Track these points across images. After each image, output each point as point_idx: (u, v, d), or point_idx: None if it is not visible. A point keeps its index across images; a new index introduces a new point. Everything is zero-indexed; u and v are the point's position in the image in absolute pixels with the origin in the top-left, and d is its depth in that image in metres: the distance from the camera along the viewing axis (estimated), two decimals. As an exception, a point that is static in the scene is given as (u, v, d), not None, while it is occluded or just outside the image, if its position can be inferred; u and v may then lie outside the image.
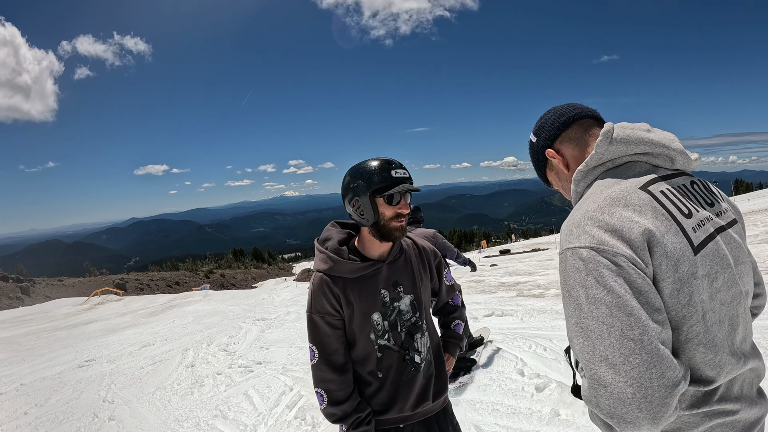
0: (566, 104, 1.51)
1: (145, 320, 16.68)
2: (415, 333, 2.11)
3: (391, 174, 1.93)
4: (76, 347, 11.92)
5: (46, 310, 24.25)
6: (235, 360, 8.31)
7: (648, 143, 1.30)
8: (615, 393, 1.03)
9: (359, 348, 2.05)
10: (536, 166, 1.61)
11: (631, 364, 1.02)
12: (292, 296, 20.38)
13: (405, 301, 2.10)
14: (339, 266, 2.00)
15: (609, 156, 1.31)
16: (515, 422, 4.24)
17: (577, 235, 1.17)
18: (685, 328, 1.13)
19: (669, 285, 1.11)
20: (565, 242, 1.19)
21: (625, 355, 1.03)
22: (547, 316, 8.09)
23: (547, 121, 1.50)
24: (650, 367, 1.02)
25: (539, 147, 1.53)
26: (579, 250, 1.14)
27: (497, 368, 5.64)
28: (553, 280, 12.96)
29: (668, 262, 1.11)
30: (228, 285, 47.46)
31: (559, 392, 4.60)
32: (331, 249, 2.04)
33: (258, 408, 5.61)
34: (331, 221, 2.24)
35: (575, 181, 1.38)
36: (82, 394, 7.21)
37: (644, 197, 1.19)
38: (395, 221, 1.97)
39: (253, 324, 12.40)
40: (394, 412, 2.05)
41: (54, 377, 8.59)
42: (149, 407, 6.20)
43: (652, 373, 1.01)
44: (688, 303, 1.12)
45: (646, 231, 1.12)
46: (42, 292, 33.99)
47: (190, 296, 26.03)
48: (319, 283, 2.01)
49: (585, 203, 1.24)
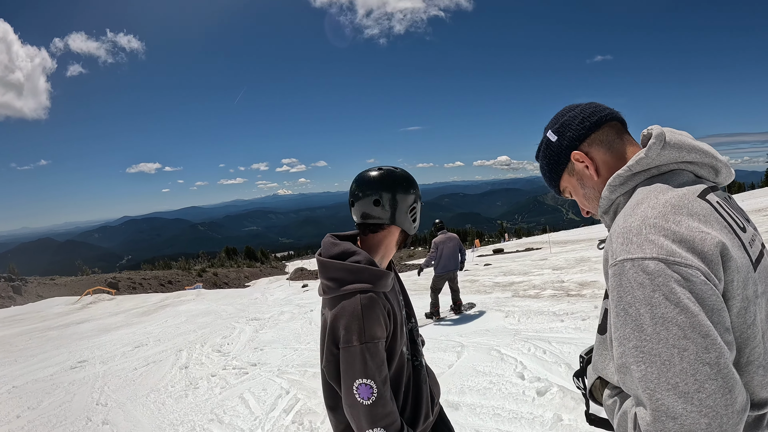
0: (591, 103, 1.37)
1: (138, 320, 16.59)
2: (417, 337, 2.06)
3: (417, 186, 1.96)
4: (69, 348, 11.83)
5: (38, 309, 24.12)
6: (230, 361, 8.24)
7: (699, 152, 1.20)
8: (687, 425, 0.91)
9: (395, 365, 1.84)
10: (550, 169, 1.42)
11: (707, 392, 0.91)
12: (286, 295, 20.32)
13: (404, 308, 2.04)
14: (383, 280, 1.77)
15: (658, 161, 1.18)
16: (517, 427, 4.18)
17: (638, 244, 1.02)
18: (747, 349, 1.04)
19: (738, 303, 1.02)
20: (621, 252, 1.05)
21: (701, 382, 0.91)
22: (544, 317, 8.05)
23: (574, 119, 1.34)
24: (725, 393, 0.91)
25: (562, 147, 1.36)
26: (644, 262, 0.99)
27: (497, 371, 5.59)
28: (548, 280, 12.94)
29: (738, 278, 1.01)
30: (221, 284, 47.38)
31: (561, 396, 4.54)
32: (367, 263, 1.78)
33: (254, 412, 5.53)
34: (328, 234, 1.98)
35: (612, 186, 1.23)
36: (75, 396, 7.12)
37: (706, 207, 1.08)
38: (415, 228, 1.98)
39: (247, 324, 12.33)
40: (421, 423, 1.90)
41: (46, 379, 8.50)
42: (143, 410, 6.12)
43: (728, 399, 0.91)
44: (752, 323, 1.03)
45: (719, 243, 1.00)
46: (34, 291, 33.84)
47: (182, 295, 25.95)
48: (370, 304, 1.69)
49: (640, 209, 1.09)
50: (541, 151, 1.44)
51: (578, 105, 1.36)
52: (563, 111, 1.39)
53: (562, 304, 9.04)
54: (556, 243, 30.87)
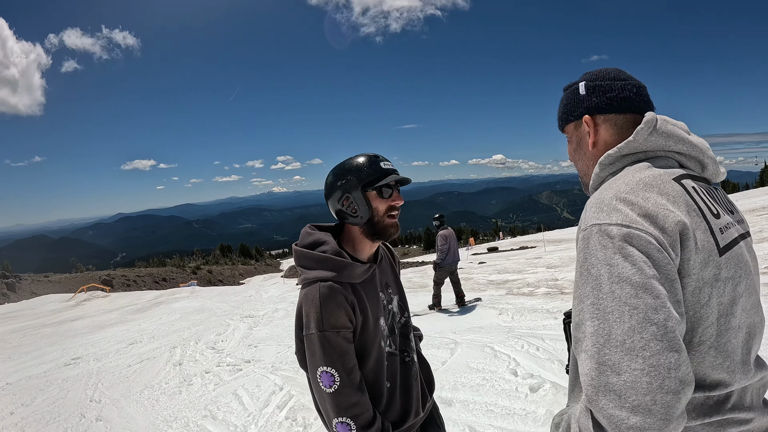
0: (638, 84, 1.35)
1: (132, 317, 16.57)
2: (408, 333, 2.04)
3: (381, 166, 1.83)
4: (63, 345, 11.81)
5: (32, 306, 24.04)
6: (224, 358, 8.24)
7: (687, 144, 1.24)
8: (629, 381, 0.93)
9: (372, 359, 1.84)
10: (565, 111, 1.44)
11: (651, 350, 0.94)
12: (280, 293, 20.32)
13: (394, 302, 2.01)
14: (348, 271, 1.78)
15: (645, 146, 1.24)
16: (510, 423, 4.20)
17: (607, 212, 1.09)
18: (699, 329, 1.08)
19: (692, 282, 1.06)
20: (591, 218, 1.11)
21: (646, 340, 0.95)
22: (538, 315, 8.08)
23: (609, 90, 1.33)
24: (669, 355, 0.94)
25: (581, 104, 1.37)
26: (608, 227, 1.06)
27: (490, 368, 5.60)
28: (542, 278, 12.97)
29: (696, 258, 1.06)
30: (215, 281, 47.35)
31: (553, 393, 4.57)
32: (333, 253, 1.81)
33: (248, 408, 5.54)
34: (307, 225, 1.98)
35: (602, 164, 1.29)
36: (68, 393, 7.11)
37: (678, 189, 1.13)
38: (389, 217, 1.84)
39: (241, 321, 12.33)
40: (411, 418, 1.92)
41: (40, 376, 8.49)
42: (137, 407, 6.12)
43: (671, 362, 0.94)
44: (706, 304, 1.07)
45: (680, 222, 1.06)
46: (28, 288, 33.73)
47: (177, 293, 25.93)
48: (329, 293, 1.71)
49: (615, 183, 1.16)
50: (567, 91, 1.45)
51: (625, 79, 1.35)
52: (608, 74, 1.37)
53: (555, 302, 9.07)
54: (550, 241, 30.92)
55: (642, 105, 1.32)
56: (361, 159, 1.85)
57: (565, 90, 1.47)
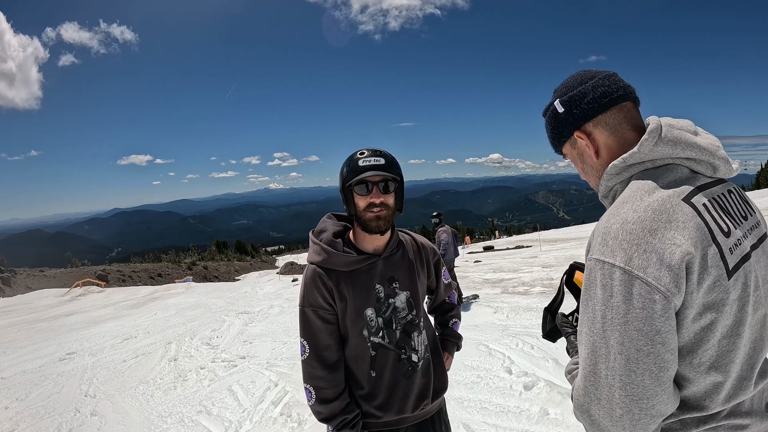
0: (606, 75, 1.31)
1: (127, 312, 16.54)
2: (412, 331, 2.05)
3: (359, 163, 1.89)
4: (58, 340, 11.78)
5: (27, 301, 23.99)
6: (219, 354, 8.24)
7: (695, 148, 1.19)
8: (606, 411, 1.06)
9: (351, 345, 1.98)
10: (553, 136, 1.41)
11: (627, 397, 1.04)
12: (275, 289, 20.30)
13: (401, 297, 2.03)
14: (333, 258, 1.94)
15: (651, 156, 1.19)
16: (504, 421, 4.23)
17: (612, 248, 1.07)
18: (699, 351, 1.08)
19: (694, 310, 1.05)
20: (597, 251, 1.10)
21: (624, 386, 1.03)
22: (533, 314, 8.10)
23: (584, 96, 1.30)
24: (637, 410, 1.04)
25: (567, 122, 1.34)
26: (612, 269, 1.05)
27: (485, 366, 5.63)
28: (537, 277, 13.00)
29: (700, 289, 1.04)
30: (211, 277, 47.29)
31: (547, 391, 4.59)
32: (325, 241, 1.98)
33: (242, 404, 5.55)
34: (328, 213, 2.18)
35: (608, 175, 1.26)
36: (63, 388, 7.10)
37: (688, 212, 1.08)
38: (369, 212, 1.90)
39: (236, 317, 12.32)
40: (392, 414, 1.98)
41: (35, 370, 8.47)
42: (132, 402, 6.12)
43: (639, 414, 1.04)
44: (708, 327, 1.06)
45: (687, 255, 1.03)
46: (23, 282, 33.66)
47: (172, 288, 25.87)
48: (312, 275, 1.95)
49: (623, 209, 1.11)
50: (547, 115, 1.42)
51: (593, 77, 1.31)
52: (575, 80, 1.34)
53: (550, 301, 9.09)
54: (546, 241, 30.97)
55: (620, 92, 1.28)
56: (349, 156, 1.94)
57: (545, 115, 1.45)
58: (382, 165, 1.90)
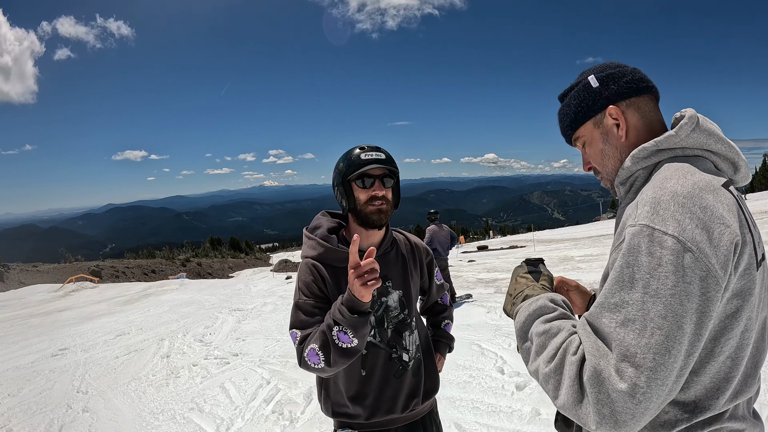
0: (638, 69, 1.31)
1: (120, 308, 16.49)
2: (404, 330, 2.05)
3: (360, 157, 1.91)
4: (50, 335, 11.75)
5: (20, 296, 23.89)
6: (211, 351, 8.23)
7: (725, 144, 1.19)
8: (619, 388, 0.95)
9: None
10: (577, 112, 1.34)
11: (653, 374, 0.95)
12: (269, 287, 20.28)
13: (393, 296, 2.04)
14: (328, 253, 1.95)
15: (685, 143, 1.17)
16: (496, 420, 4.24)
17: (663, 217, 1.01)
18: (722, 339, 1.05)
19: (728, 294, 1.04)
20: (645, 217, 1.04)
21: (655, 362, 0.95)
22: (526, 313, 8.11)
23: (622, 76, 1.29)
24: (662, 385, 0.95)
25: (600, 96, 1.29)
26: (662, 236, 0.99)
27: (477, 365, 5.64)
28: (531, 277, 13.02)
29: (736, 273, 1.03)
30: (204, 274, 47.17)
31: (539, 391, 4.60)
32: (320, 236, 2.00)
33: (235, 401, 5.55)
34: (322, 210, 2.19)
35: (635, 158, 1.21)
36: (55, 384, 7.08)
37: (729, 198, 1.07)
38: (370, 205, 1.91)
39: (230, 314, 12.31)
40: (381, 413, 1.98)
41: (27, 366, 8.44)
42: (124, 399, 6.11)
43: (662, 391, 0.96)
44: (733, 315, 1.05)
45: (735, 238, 1.01)
46: (16, 278, 33.50)
47: (166, 285, 25.82)
48: (306, 268, 1.96)
49: (669, 183, 1.07)
50: (573, 92, 1.37)
51: (626, 66, 1.32)
52: (611, 64, 1.33)
53: (543, 301, 9.11)
54: (540, 241, 31.03)
55: (653, 85, 1.29)
56: (347, 152, 1.96)
57: (568, 93, 1.39)
58: (383, 159, 1.93)
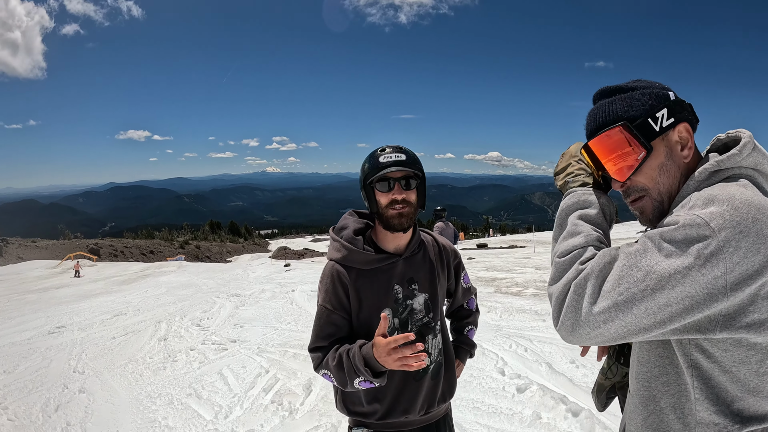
0: None
1: (118, 288, 16.51)
2: (427, 334, 2.00)
3: (380, 160, 1.85)
4: (47, 312, 11.75)
5: (18, 271, 23.93)
6: (209, 336, 8.21)
7: None
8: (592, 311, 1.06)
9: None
10: (648, 113, 1.22)
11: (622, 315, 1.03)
12: (267, 273, 20.29)
13: (419, 299, 1.99)
14: (352, 256, 1.91)
15: (744, 163, 1.15)
16: (496, 422, 4.21)
17: (712, 213, 1.02)
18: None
19: None
20: (698, 208, 1.05)
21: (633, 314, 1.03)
22: (526, 315, 8.09)
23: (683, 103, 1.24)
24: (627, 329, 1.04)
25: (676, 112, 1.23)
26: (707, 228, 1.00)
27: (477, 365, 5.61)
28: (530, 279, 13.01)
29: None
30: (203, 257, 47.26)
31: (540, 395, 4.56)
32: (345, 238, 1.95)
33: (233, 389, 5.52)
34: (349, 210, 2.14)
35: (697, 180, 1.18)
36: (51, 362, 7.06)
37: None
38: (391, 209, 1.85)
39: (227, 300, 12.31)
40: (398, 414, 1.93)
41: (23, 343, 8.44)
42: (120, 381, 6.08)
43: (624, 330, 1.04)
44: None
45: None
46: (15, 252, 33.56)
47: (164, 266, 25.86)
48: (330, 272, 1.93)
49: (727, 188, 1.07)
50: (640, 93, 1.25)
51: None
52: (664, 86, 1.27)
53: (544, 304, 9.10)
54: (540, 242, 31.01)
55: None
56: (371, 153, 1.92)
57: (622, 93, 1.28)
58: (404, 161, 1.85)
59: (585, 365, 5.33)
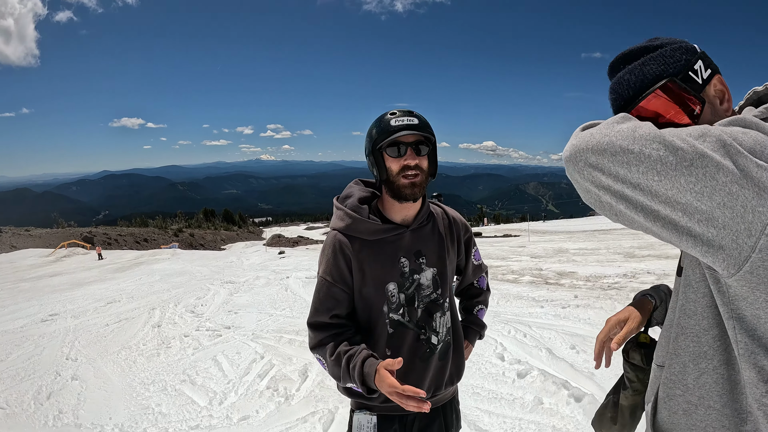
0: None
1: (112, 276, 16.43)
2: (435, 311, 1.89)
3: (391, 123, 1.71)
4: (40, 300, 11.67)
5: (12, 260, 23.83)
6: (203, 323, 8.12)
7: None
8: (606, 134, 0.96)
9: (366, 318, 1.85)
10: (686, 64, 1.13)
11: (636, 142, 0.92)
12: (261, 261, 20.24)
13: (427, 274, 1.87)
14: (357, 225, 1.79)
15: None
16: (497, 407, 4.14)
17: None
18: None
19: None
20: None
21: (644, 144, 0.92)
22: (524, 302, 8.05)
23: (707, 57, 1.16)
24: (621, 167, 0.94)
25: (709, 64, 1.15)
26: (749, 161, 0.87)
27: (476, 350, 5.54)
28: (526, 267, 12.98)
29: None
30: (197, 245, 47.19)
31: (541, 380, 4.50)
32: (350, 206, 1.83)
33: (227, 375, 5.44)
34: (355, 179, 2.02)
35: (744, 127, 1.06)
36: (44, 350, 6.96)
37: None
38: (402, 177, 1.73)
39: (221, 287, 12.23)
40: None
41: (16, 331, 8.34)
42: (114, 367, 5.99)
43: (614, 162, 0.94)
44: None
45: None
46: (8, 241, 33.42)
47: (158, 254, 25.78)
48: (332, 242, 1.82)
49: None
50: (668, 49, 1.16)
51: None
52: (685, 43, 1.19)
53: (541, 291, 9.06)
54: (534, 232, 31.06)
55: None
56: (378, 117, 1.79)
57: (647, 53, 1.18)
58: (416, 125, 1.72)
59: (586, 351, 5.28)
